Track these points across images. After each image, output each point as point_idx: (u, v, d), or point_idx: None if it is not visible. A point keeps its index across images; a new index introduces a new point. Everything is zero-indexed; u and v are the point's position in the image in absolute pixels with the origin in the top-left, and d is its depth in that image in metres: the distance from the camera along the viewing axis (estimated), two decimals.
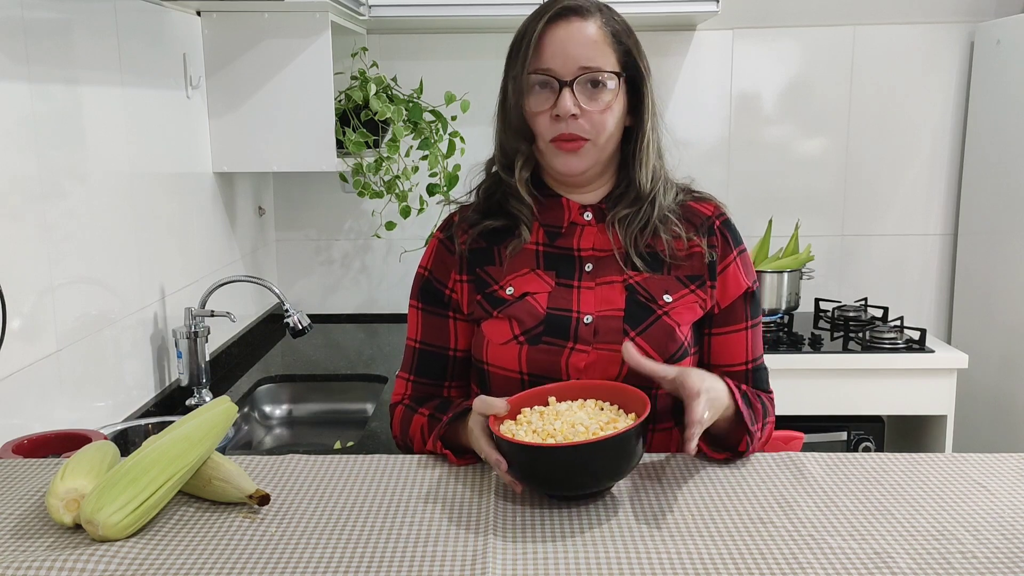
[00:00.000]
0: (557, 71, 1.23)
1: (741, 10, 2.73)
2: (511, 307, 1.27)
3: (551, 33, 1.23)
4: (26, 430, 1.38)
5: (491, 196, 1.34)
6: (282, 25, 2.21)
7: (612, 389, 1.13)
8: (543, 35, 1.23)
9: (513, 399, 1.12)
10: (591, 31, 1.24)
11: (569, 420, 1.07)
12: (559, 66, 1.22)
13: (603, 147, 1.27)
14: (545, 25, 1.24)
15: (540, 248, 1.31)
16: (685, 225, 1.30)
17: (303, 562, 0.92)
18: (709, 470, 1.15)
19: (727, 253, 1.31)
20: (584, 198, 1.32)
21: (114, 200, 1.75)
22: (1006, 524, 0.99)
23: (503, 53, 1.30)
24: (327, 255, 2.91)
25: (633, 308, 1.25)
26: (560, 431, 1.04)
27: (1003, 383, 2.59)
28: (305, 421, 2.31)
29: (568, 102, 1.22)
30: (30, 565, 0.88)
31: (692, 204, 1.34)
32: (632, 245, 1.28)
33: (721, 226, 1.32)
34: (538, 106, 1.25)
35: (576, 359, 1.24)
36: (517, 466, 1.04)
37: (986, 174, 2.68)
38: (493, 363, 1.28)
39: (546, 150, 1.27)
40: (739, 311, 1.30)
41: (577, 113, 1.22)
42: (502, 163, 1.32)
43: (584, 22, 1.24)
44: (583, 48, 1.22)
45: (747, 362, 1.31)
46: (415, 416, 1.30)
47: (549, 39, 1.23)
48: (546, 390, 1.15)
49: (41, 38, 1.49)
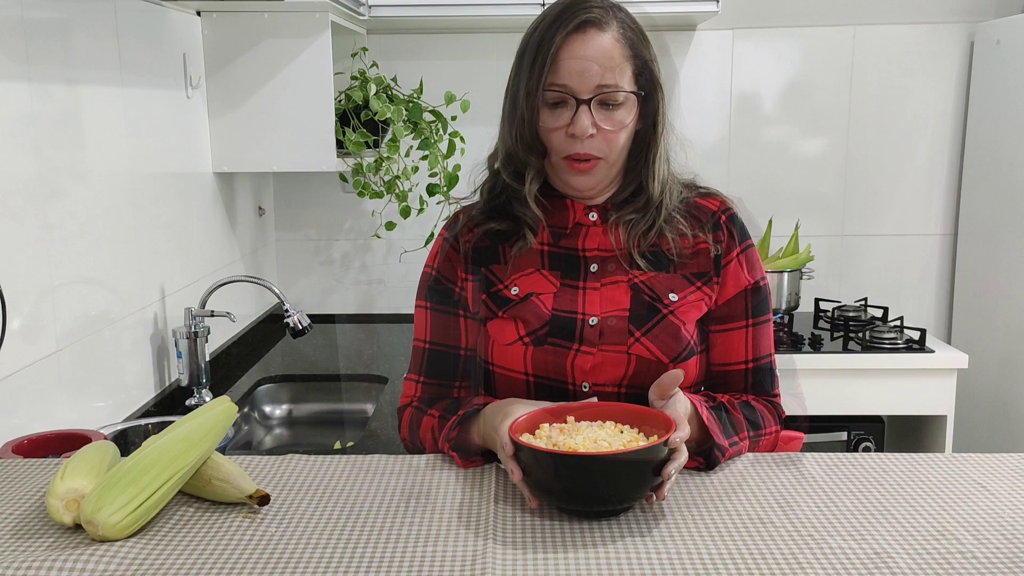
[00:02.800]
0: (574, 88, 1.20)
1: (741, 10, 2.73)
2: (516, 307, 1.27)
3: (568, 47, 1.20)
4: (26, 430, 1.38)
5: (496, 196, 1.33)
6: (282, 25, 2.21)
7: (632, 412, 1.11)
8: (560, 49, 1.20)
9: (530, 415, 1.10)
10: (608, 44, 1.20)
11: (591, 436, 1.04)
12: (576, 83, 1.20)
13: (613, 163, 1.26)
14: (562, 39, 1.20)
15: (545, 248, 1.31)
16: (691, 222, 1.29)
17: (303, 562, 0.92)
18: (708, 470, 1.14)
19: (731, 248, 1.29)
20: (589, 200, 1.32)
21: (114, 200, 1.75)
22: (1006, 524, 0.99)
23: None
24: (327, 255, 2.91)
25: (638, 308, 1.24)
26: (582, 445, 1.02)
27: (1003, 383, 2.59)
28: (305, 421, 2.31)
29: (585, 122, 1.20)
30: (30, 565, 0.88)
31: (698, 200, 1.32)
32: (636, 246, 1.27)
33: (727, 220, 1.31)
34: (553, 122, 1.23)
35: (582, 361, 1.23)
36: (538, 476, 1.02)
37: (986, 174, 2.68)
38: (498, 364, 1.27)
39: (558, 165, 1.26)
40: (739, 308, 1.29)
41: (594, 133, 1.21)
42: (509, 171, 1.30)
43: (602, 34, 1.21)
44: (601, 63, 1.20)
45: (747, 361, 1.29)
46: (425, 418, 1.28)
47: (566, 53, 1.20)
48: (564, 408, 1.12)
49: (41, 38, 1.49)
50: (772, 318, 1.34)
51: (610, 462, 0.97)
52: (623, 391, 1.24)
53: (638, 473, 0.99)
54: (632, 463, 0.98)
